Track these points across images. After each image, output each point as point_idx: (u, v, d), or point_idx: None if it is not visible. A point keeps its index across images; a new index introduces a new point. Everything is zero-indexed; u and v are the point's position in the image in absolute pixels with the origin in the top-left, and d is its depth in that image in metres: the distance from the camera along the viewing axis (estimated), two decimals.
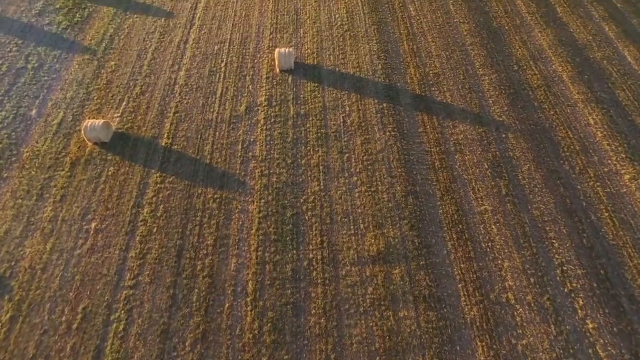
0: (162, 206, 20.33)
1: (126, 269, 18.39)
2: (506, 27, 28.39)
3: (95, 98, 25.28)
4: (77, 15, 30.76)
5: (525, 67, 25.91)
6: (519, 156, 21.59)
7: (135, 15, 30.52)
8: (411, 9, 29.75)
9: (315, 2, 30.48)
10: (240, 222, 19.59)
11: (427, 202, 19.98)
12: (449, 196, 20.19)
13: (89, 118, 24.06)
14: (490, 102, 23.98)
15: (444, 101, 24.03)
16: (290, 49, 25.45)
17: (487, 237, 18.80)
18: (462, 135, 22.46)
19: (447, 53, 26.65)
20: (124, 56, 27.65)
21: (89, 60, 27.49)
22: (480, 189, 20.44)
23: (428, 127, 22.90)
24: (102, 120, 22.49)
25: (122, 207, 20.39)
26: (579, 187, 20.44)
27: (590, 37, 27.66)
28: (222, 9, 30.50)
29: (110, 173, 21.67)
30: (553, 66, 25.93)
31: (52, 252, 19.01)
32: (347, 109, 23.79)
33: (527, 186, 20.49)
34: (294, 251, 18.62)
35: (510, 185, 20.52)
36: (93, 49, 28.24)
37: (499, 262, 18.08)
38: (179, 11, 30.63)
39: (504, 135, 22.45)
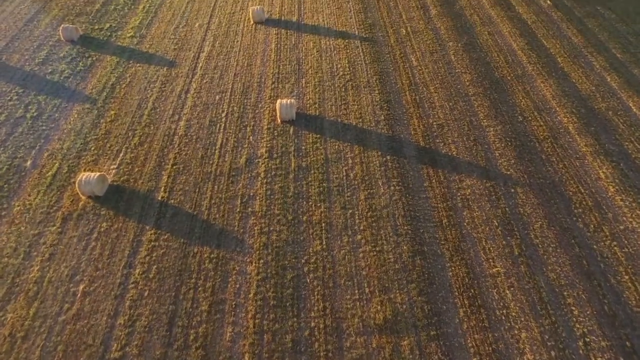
0: (155, 267, 19.21)
1: (113, 339, 17.02)
2: (508, 78, 28.37)
3: (93, 148, 24.75)
4: (81, 63, 30.92)
5: (530, 118, 25.57)
6: (530, 213, 20.70)
7: (138, 64, 30.66)
8: (413, 59, 29.91)
9: (317, 52, 30.71)
10: (238, 286, 18.40)
11: (435, 264, 18.88)
12: (459, 257, 19.12)
13: (84, 170, 23.41)
14: (497, 154, 23.40)
15: (449, 154, 23.46)
16: (292, 100, 25.22)
17: (501, 304, 17.55)
18: (469, 190, 21.68)
19: (451, 104, 26.42)
20: (124, 105, 27.43)
21: (88, 110, 27.24)
22: (491, 248, 19.40)
23: (434, 181, 22.18)
24: (97, 174, 21.81)
25: (113, 268, 19.26)
26: (595, 246, 19.40)
27: (594, 88, 27.55)
28: (225, 59, 30.68)
29: (102, 229, 20.71)
30: (558, 117, 25.59)
31: (36, 317, 17.71)
32: (350, 161, 23.18)
33: (540, 245, 19.46)
34: (295, 319, 17.32)
35: (522, 244, 19.49)
36: (94, 98, 28.08)
37: (516, 332, 16.74)
38: (182, 60, 30.80)
39: (512, 190, 21.67)
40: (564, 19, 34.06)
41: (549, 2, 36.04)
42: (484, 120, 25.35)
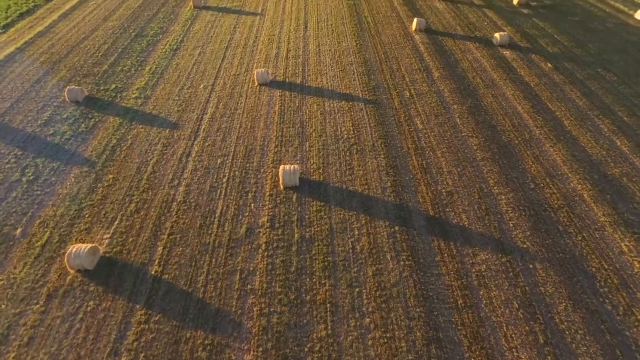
0: (143, 354, 17.40)
1: None
2: (516, 142, 27.83)
3: (87, 216, 23.68)
4: (83, 125, 30.72)
5: (542, 185, 24.64)
6: (552, 292, 19.11)
7: (141, 126, 30.43)
8: (417, 122, 29.62)
9: (320, 114, 30.55)
10: None
11: (453, 354, 17.05)
12: (478, 345, 17.31)
13: (76, 240, 22.19)
14: (511, 225, 22.20)
15: (461, 224, 22.27)
16: (296, 166, 24.50)
17: None
18: (484, 266, 20.25)
19: (459, 169, 25.64)
20: (123, 169, 26.74)
21: (86, 173, 26.52)
22: (513, 335, 17.63)
23: (445, 255, 20.81)
24: (88, 246, 20.56)
25: (97, 355, 17.46)
26: (627, 333, 17.64)
27: (604, 152, 26.89)
28: (228, 120, 30.47)
29: (89, 309, 19.10)
30: (571, 184, 24.66)
31: None
32: (356, 232, 21.95)
33: (567, 332, 17.70)
34: None
35: (547, 330, 17.74)
36: (93, 161, 27.48)
37: None
38: (185, 122, 30.60)
39: (531, 266, 20.22)
40: (566, 81, 34.26)
41: (549, 64, 36.52)
42: (495, 187, 24.41)
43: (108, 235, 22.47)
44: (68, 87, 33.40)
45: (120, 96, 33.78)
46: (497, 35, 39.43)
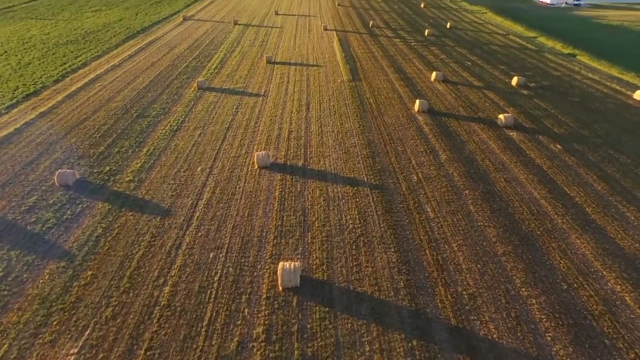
0: None
1: None
2: (538, 233, 25.44)
3: (55, 323, 20.46)
4: (69, 211, 28.62)
5: (575, 285, 21.74)
6: None
7: (130, 213, 28.30)
8: (428, 209, 27.52)
9: (324, 201, 28.59)
10: None
11: None
12: None
13: (36, 357, 18.77)
14: (548, 338, 18.91)
15: (489, 337, 18.99)
16: (296, 264, 21.83)
17: None
18: None
19: (479, 266, 22.91)
20: (104, 264, 24.03)
21: (63, 269, 23.75)
22: None
23: None
24: None
25: None
26: None
27: (638, 245, 24.35)
28: (224, 207, 28.42)
29: None
30: (608, 284, 21.76)
31: None
32: (367, 348, 18.61)
33: None
34: None
35: None
36: (73, 254, 24.86)
37: None
38: (178, 208, 28.53)
39: None
40: (579, 164, 32.87)
41: (559, 146, 35.48)
42: (523, 289, 21.47)
43: (75, 350, 19.08)
44: (59, 170, 31.96)
45: (113, 179, 32.17)
46: (501, 116, 39.07)
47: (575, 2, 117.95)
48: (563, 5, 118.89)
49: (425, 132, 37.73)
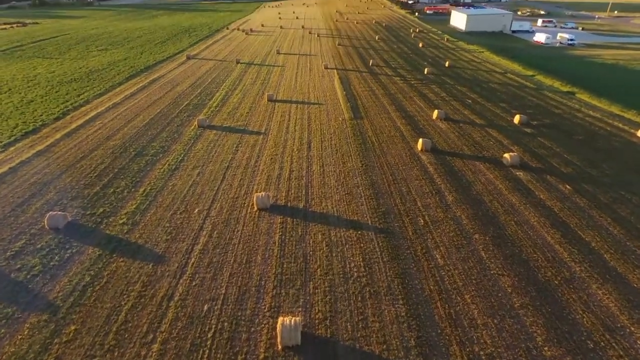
0: None
1: None
2: (556, 282, 23.78)
3: None
4: (56, 257, 27.06)
5: (602, 343, 19.86)
6: None
7: (122, 259, 26.73)
8: (437, 256, 25.97)
9: (326, 246, 27.10)
10: None
11: None
12: None
13: None
14: None
15: None
16: (297, 320, 20.06)
17: None
18: None
19: (496, 321, 21.11)
20: (90, 317, 22.22)
21: (45, 323, 21.92)
22: None
23: None
24: None
25: None
26: None
27: None
28: (221, 253, 26.89)
29: None
30: (638, 342, 19.88)
31: None
32: None
33: None
34: None
35: None
36: (57, 306, 23.09)
37: None
38: (172, 254, 26.98)
39: None
40: (591, 205, 31.61)
41: (568, 187, 34.37)
42: (546, 348, 19.58)
43: None
44: (50, 212, 30.68)
45: (107, 222, 30.81)
46: (507, 155, 38.27)
47: (569, 42, 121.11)
48: (557, 44, 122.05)
49: (429, 172, 36.76)
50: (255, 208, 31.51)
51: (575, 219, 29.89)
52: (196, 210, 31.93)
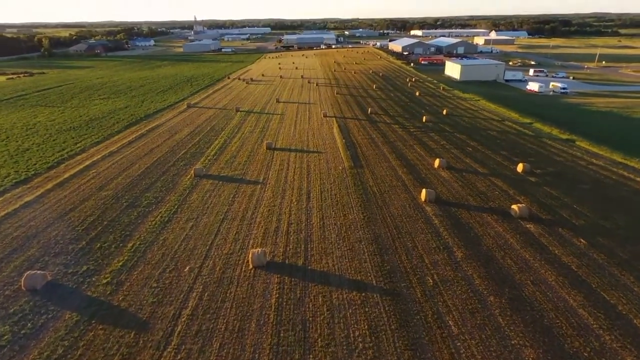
0: None
1: None
2: (585, 354, 21.20)
3: None
4: (29, 324, 24.45)
5: None
6: None
7: (101, 326, 24.13)
8: (450, 322, 23.51)
9: (327, 311, 24.64)
10: None
11: None
12: None
13: None
14: None
15: None
16: None
17: None
18: None
19: None
20: None
21: None
22: None
23: None
24: None
25: None
26: None
27: None
28: (211, 319, 24.36)
29: None
30: None
31: None
32: None
33: None
34: None
35: None
36: None
37: None
38: (157, 320, 24.43)
39: None
40: (610, 262, 29.53)
41: (582, 241, 32.46)
42: None
43: None
44: (28, 271, 28.38)
45: (89, 281, 28.43)
46: (514, 207, 36.69)
47: (562, 90, 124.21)
48: (550, 93, 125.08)
49: (435, 225, 34.93)
50: (251, 266, 29.30)
51: (596, 277, 27.70)
52: (187, 268, 29.67)
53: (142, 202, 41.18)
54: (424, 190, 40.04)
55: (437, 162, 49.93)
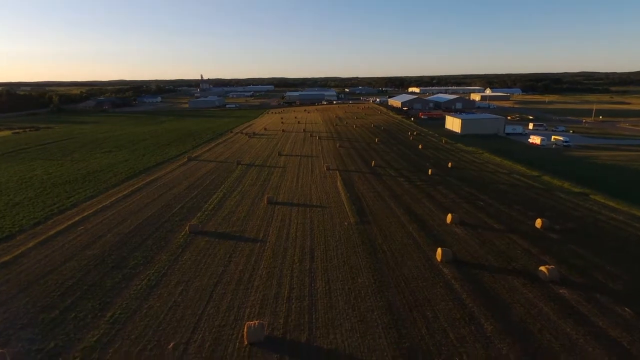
0: None
1: None
2: None
3: None
4: None
5: None
6: None
7: None
8: None
9: None
10: None
11: None
12: None
13: None
14: None
15: None
16: None
17: None
18: None
19: None
20: None
21: None
22: None
23: None
24: None
25: None
26: None
27: None
28: None
29: None
30: None
31: None
32: None
33: None
34: None
35: None
36: None
37: None
38: None
39: None
40: None
41: (627, 310, 28.34)
42: None
43: None
44: None
45: None
46: (543, 269, 32.88)
47: (565, 143, 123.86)
48: (553, 146, 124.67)
49: (456, 290, 30.94)
50: (246, 342, 25.06)
51: None
52: (171, 344, 25.41)
53: (130, 263, 37.45)
54: (439, 250, 36.45)
55: (449, 218, 46.70)
